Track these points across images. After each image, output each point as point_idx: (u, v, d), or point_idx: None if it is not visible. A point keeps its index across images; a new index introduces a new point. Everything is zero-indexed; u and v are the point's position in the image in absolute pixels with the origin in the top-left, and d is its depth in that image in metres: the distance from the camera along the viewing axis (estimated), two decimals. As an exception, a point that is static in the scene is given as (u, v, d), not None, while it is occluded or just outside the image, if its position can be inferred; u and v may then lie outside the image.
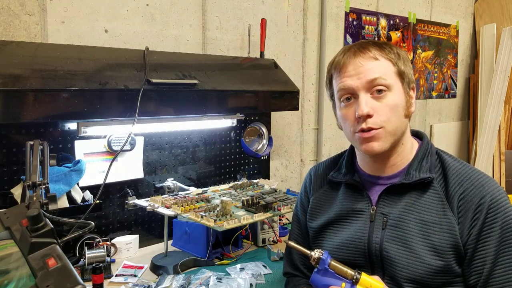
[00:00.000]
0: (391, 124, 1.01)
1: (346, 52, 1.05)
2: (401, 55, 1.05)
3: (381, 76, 1.00)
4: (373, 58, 1.02)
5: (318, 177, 1.23)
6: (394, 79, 1.02)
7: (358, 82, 1.01)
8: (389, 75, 1.02)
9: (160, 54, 1.79)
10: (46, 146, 1.22)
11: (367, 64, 1.01)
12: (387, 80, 1.01)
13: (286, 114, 2.45)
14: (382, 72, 1.01)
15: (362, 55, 1.02)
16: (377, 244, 1.03)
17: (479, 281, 0.96)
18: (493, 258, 0.95)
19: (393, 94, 1.01)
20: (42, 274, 0.69)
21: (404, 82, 1.04)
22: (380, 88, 1.00)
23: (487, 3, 3.67)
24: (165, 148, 1.90)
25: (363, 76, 1.00)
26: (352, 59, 1.02)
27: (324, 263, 0.95)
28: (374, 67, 1.01)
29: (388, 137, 1.01)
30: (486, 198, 0.97)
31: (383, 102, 1.00)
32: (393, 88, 1.01)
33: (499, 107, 3.42)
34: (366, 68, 1.01)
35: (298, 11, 2.46)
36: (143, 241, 1.82)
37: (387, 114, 1.00)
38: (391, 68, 1.03)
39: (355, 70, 1.01)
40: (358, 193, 1.11)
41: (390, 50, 1.04)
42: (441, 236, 0.98)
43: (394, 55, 1.04)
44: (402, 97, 1.03)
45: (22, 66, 1.38)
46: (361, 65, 1.01)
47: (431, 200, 1.02)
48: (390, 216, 1.04)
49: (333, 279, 0.95)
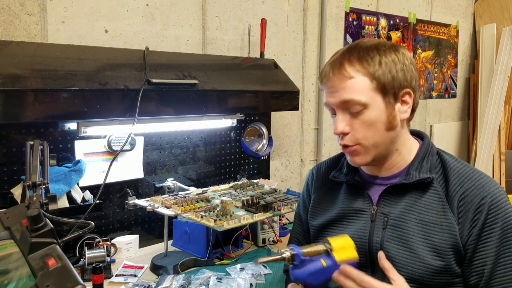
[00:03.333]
0: (368, 140, 1.01)
1: (329, 64, 1.04)
2: (389, 64, 1.00)
3: (354, 98, 0.99)
4: (348, 78, 1.00)
5: (320, 176, 1.24)
6: (371, 96, 0.99)
7: (334, 100, 1.02)
8: (365, 92, 0.99)
9: (160, 54, 1.79)
10: (46, 146, 1.22)
11: (341, 83, 1.00)
12: (362, 100, 0.99)
13: (286, 114, 2.45)
14: (357, 91, 0.99)
15: (338, 73, 1.01)
16: (377, 244, 1.04)
17: (481, 282, 0.96)
18: (494, 259, 0.95)
19: (370, 112, 1.00)
20: (42, 274, 0.69)
21: (387, 94, 1.01)
22: (354, 109, 1.00)
23: (487, 3, 3.67)
24: (165, 148, 1.90)
25: (338, 96, 1.01)
26: (329, 75, 1.02)
27: (299, 256, 0.95)
28: (348, 87, 0.99)
29: (369, 151, 1.03)
30: (486, 198, 0.97)
31: (359, 119, 1.01)
32: (370, 106, 0.99)
33: (499, 107, 3.42)
34: (340, 87, 1.00)
35: (298, 11, 2.46)
36: (143, 241, 1.82)
37: (363, 131, 1.01)
38: (368, 85, 0.99)
39: (331, 89, 1.02)
40: (359, 193, 1.12)
41: (371, 62, 1.00)
42: (441, 236, 0.98)
43: (377, 67, 0.99)
44: (382, 112, 1.01)
45: (22, 66, 1.38)
46: (336, 85, 1.01)
47: (432, 200, 1.02)
48: (391, 216, 1.04)
49: (312, 263, 0.95)
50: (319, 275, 0.95)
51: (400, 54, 1.02)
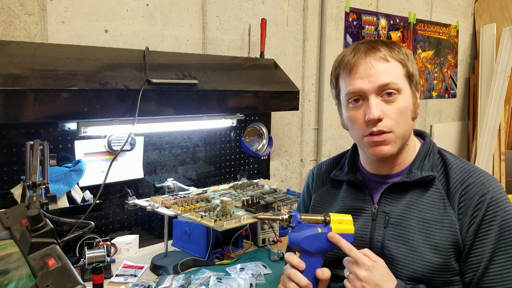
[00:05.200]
0: (400, 128, 1.00)
1: (356, 51, 1.01)
2: (409, 56, 1.04)
3: (393, 80, 0.98)
4: (384, 60, 0.99)
5: (320, 175, 1.24)
6: (403, 81, 1.01)
7: (369, 85, 0.99)
8: (399, 78, 1.00)
9: (160, 54, 1.79)
10: (46, 146, 1.22)
11: (377, 65, 0.99)
12: (398, 84, 0.99)
13: (286, 114, 2.45)
14: (393, 75, 0.99)
15: (372, 55, 1.00)
16: (378, 242, 1.04)
17: (474, 279, 0.96)
18: (489, 256, 0.95)
19: (403, 98, 1.00)
20: (42, 274, 0.69)
21: (412, 84, 1.03)
22: (391, 91, 0.99)
23: (487, 3, 3.67)
24: (165, 148, 1.90)
25: (374, 80, 0.98)
26: (362, 59, 1.00)
27: (296, 218, 0.99)
28: (385, 69, 0.99)
29: (398, 141, 1.01)
30: (486, 196, 0.97)
31: (393, 106, 0.99)
32: (403, 91, 1.00)
33: (499, 107, 3.42)
34: (377, 70, 0.98)
35: (298, 11, 2.46)
36: (143, 241, 1.82)
37: (397, 117, 0.99)
38: (401, 70, 1.01)
39: (366, 72, 0.99)
40: (360, 192, 1.12)
41: (399, 51, 1.02)
42: (442, 233, 0.98)
43: (403, 56, 1.02)
44: (411, 99, 1.03)
45: (22, 66, 1.38)
46: (372, 67, 0.99)
47: (433, 198, 1.02)
48: (392, 214, 1.04)
49: (308, 228, 0.98)
50: (313, 241, 0.97)
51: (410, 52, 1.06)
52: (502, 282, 0.94)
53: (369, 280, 0.92)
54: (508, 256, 0.94)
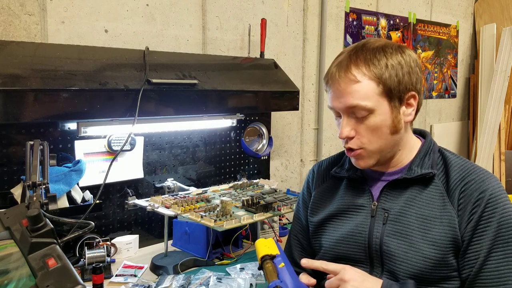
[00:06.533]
0: (373, 144, 1.02)
1: (335, 65, 1.03)
2: (394, 65, 0.99)
3: (360, 103, 0.98)
4: (354, 82, 0.99)
5: (321, 172, 1.24)
6: (376, 100, 0.99)
7: (340, 105, 1.02)
8: (371, 97, 0.99)
9: (160, 54, 1.79)
10: (46, 146, 1.22)
11: (347, 87, 0.99)
12: (368, 105, 0.98)
13: (286, 114, 2.45)
14: (363, 96, 0.98)
15: (344, 76, 1.00)
16: (377, 238, 1.04)
17: (470, 275, 0.97)
18: (487, 252, 0.95)
19: (375, 116, 1.00)
20: (42, 274, 0.69)
21: (393, 98, 1.00)
22: (359, 114, 1.00)
23: (487, 3, 3.67)
24: (165, 148, 1.90)
25: (344, 101, 1.00)
26: (335, 79, 1.01)
27: None
28: (354, 91, 0.99)
29: (372, 155, 1.04)
30: (485, 192, 0.97)
31: (364, 124, 1.01)
32: (376, 110, 1.00)
33: (499, 107, 3.42)
34: (346, 92, 0.99)
35: (298, 11, 2.46)
36: (143, 241, 1.81)
37: (368, 136, 1.01)
38: (374, 89, 0.99)
39: (338, 92, 1.01)
40: (360, 188, 1.12)
41: (377, 65, 0.99)
42: (441, 229, 0.99)
43: (382, 70, 0.99)
44: (388, 116, 1.01)
45: (22, 66, 1.38)
46: (342, 89, 1.00)
47: (432, 195, 1.02)
48: (391, 211, 1.05)
49: None
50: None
51: (406, 55, 1.02)
52: (498, 278, 0.94)
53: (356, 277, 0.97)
54: (505, 253, 0.95)
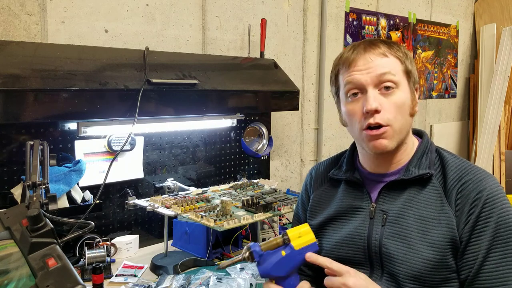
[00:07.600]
0: (398, 122, 1.01)
1: (356, 48, 1.05)
2: (408, 55, 1.07)
3: (391, 71, 1.01)
4: (383, 55, 1.03)
5: (319, 175, 1.24)
6: (401, 76, 1.03)
7: (367, 76, 1.01)
8: (398, 72, 1.03)
9: (160, 54, 1.79)
10: (46, 146, 1.22)
11: (376, 59, 1.02)
12: (396, 77, 1.01)
13: (286, 114, 2.45)
14: (391, 68, 1.02)
15: (372, 51, 1.03)
16: (376, 240, 1.04)
17: (469, 275, 0.96)
18: (485, 253, 0.95)
19: (400, 92, 1.02)
20: (42, 274, 0.69)
21: (410, 81, 1.05)
22: (389, 84, 1.01)
23: (487, 3, 3.67)
24: (165, 148, 1.90)
25: (373, 71, 1.01)
26: (362, 54, 1.03)
27: (257, 252, 0.96)
28: (384, 63, 1.02)
29: (395, 136, 1.02)
30: (483, 192, 0.97)
31: (390, 99, 1.01)
32: (401, 86, 1.02)
33: (499, 107, 3.42)
34: (375, 63, 1.02)
35: (298, 11, 2.46)
36: (143, 241, 1.82)
37: (394, 111, 1.01)
38: (399, 66, 1.04)
39: (365, 65, 1.02)
40: (358, 190, 1.12)
41: (398, 49, 1.05)
42: (439, 230, 0.98)
43: (402, 54, 1.05)
44: (408, 95, 1.04)
45: (22, 66, 1.38)
46: (371, 60, 1.02)
47: (430, 195, 1.02)
48: (390, 213, 1.04)
49: (272, 256, 0.96)
50: (282, 265, 0.96)
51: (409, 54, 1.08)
52: (498, 279, 0.94)
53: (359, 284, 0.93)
54: (504, 253, 0.94)
